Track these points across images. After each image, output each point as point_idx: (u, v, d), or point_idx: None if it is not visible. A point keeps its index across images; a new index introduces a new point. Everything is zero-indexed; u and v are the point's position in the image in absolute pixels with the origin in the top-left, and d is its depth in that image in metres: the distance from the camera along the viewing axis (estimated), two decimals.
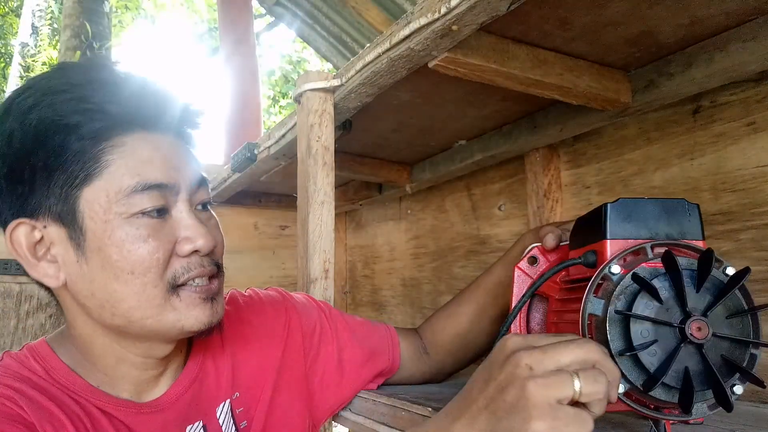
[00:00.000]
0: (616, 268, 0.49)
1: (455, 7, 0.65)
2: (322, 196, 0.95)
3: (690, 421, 0.56)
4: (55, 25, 7.19)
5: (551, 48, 0.82)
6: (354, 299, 1.97)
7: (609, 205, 0.53)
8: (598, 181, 1.07)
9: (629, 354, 0.46)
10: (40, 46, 7.10)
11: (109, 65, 0.61)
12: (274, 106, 10.69)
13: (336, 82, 0.94)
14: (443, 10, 0.67)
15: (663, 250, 0.48)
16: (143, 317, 0.58)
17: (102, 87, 0.58)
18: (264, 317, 0.78)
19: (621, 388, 0.46)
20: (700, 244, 0.52)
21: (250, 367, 0.73)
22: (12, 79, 6.91)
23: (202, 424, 0.67)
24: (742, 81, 0.82)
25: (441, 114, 1.10)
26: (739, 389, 0.46)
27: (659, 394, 0.46)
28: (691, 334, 0.45)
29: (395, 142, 1.29)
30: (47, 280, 0.59)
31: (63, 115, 0.55)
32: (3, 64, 8.87)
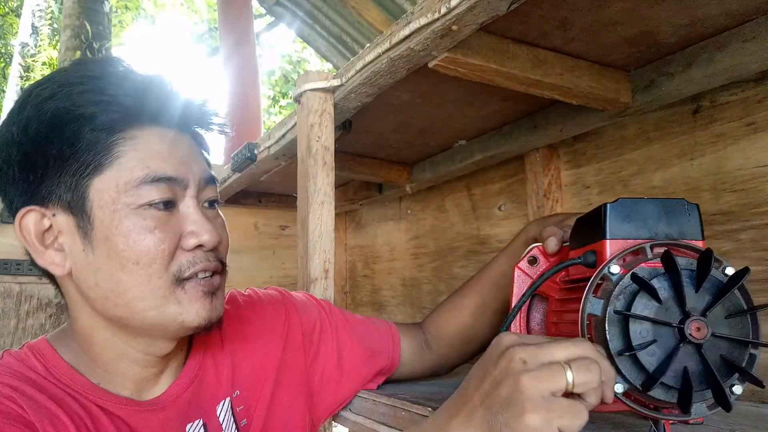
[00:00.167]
0: (615, 268, 0.49)
1: (455, 7, 0.65)
2: (322, 196, 0.95)
3: (690, 421, 0.56)
4: (55, 25, 7.19)
5: (551, 48, 0.82)
6: (354, 299, 1.97)
7: (608, 205, 0.53)
8: (598, 181, 1.07)
9: (628, 354, 0.46)
10: (40, 46, 7.10)
11: (125, 61, 0.63)
12: (274, 106, 10.70)
13: (336, 82, 0.94)
14: (443, 10, 0.67)
15: (662, 250, 0.48)
16: (145, 308, 0.58)
17: (118, 80, 0.60)
18: (264, 316, 0.78)
19: (620, 388, 0.46)
20: (699, 244, 0.52)
21: (250, 365, 0.73)
22: (12, 79, 6.90)
23: (202, 423, 0.67)
24: (742, 81, 0.82)
25: (441, 114, 1.10)
26: (738, 389, 0.46)
27: (658, 394, 0.46)
28: (690, 334, 0.45)
29: (395, 142, 1.29)
30: (53, 268, 0.60)
31: (78, 106, 0.57)
32: (3, 64, 8.88)
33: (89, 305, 0.61)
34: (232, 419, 0.70)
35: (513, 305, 0.67)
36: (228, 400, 0.70)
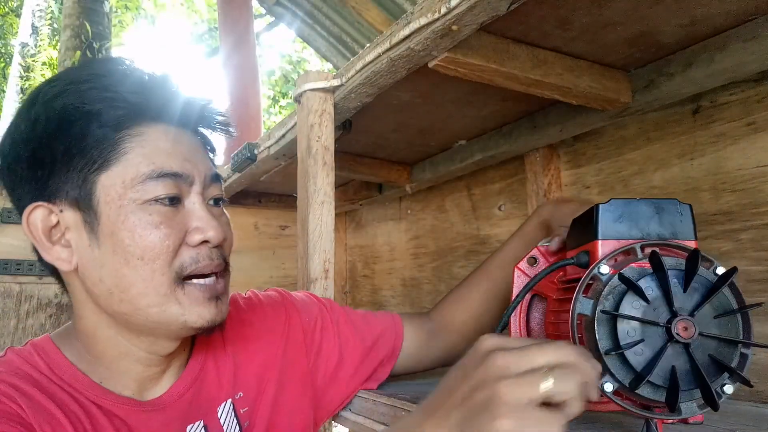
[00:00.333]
0: (605, 269, 0.49)
1: (455, 7, 0.65)
2: (322, 196, 0.95)
3: (690, 420, 0.56)
4: (55, 25, 7.19)
5: (551, 48, 0.82)
6: (354, 299, 1.97)
7: (600, 206, 0.53)
8: (598, 181, 1.07)
9: (615, 353, 0.46)
10: (40, 46, 7.10)
11: (129, 60, 0.64)
12: (274, 106, 10.70)
13: (336, 82, 0.94)
14: (443, 10, 0.67)
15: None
16: (149, 305, 0.59)
17: (125, 78, 0.61)
18: (264, 317, 0.78)
19: (610, 387, 0.46)
20: (691, 243, 0.52)
21: (252, 366, 0.73)
22: (12, 79, 6.90)
23: (203, 424, 0.67)
24: (742, 81, 0.83)
25: (441, 114, 1.10)
26: (729, 389, 0.46)
27: (646, 392, 0.46)
28: (677, 334, 0.45)
29: (395, 142, 1.29)
30: (60, 264, 0.60)
31: (86, 103, 0.58)
32: (3, 64, 8.88)
33: (94, 302, 0.61)
34: (235, 421, 0.70)
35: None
36: (230, 401, 0.70)
